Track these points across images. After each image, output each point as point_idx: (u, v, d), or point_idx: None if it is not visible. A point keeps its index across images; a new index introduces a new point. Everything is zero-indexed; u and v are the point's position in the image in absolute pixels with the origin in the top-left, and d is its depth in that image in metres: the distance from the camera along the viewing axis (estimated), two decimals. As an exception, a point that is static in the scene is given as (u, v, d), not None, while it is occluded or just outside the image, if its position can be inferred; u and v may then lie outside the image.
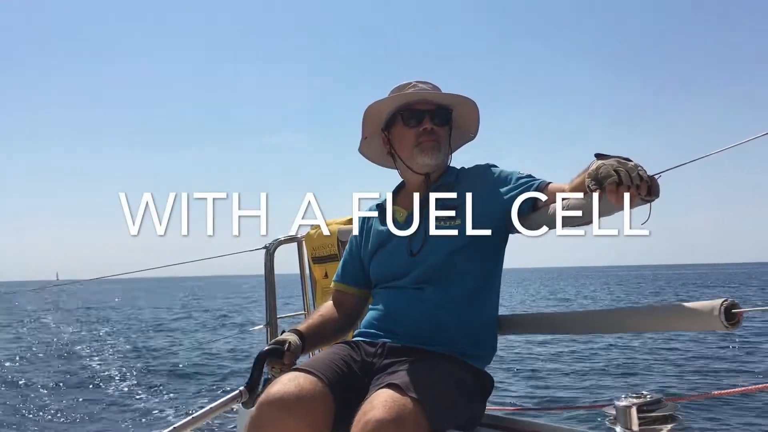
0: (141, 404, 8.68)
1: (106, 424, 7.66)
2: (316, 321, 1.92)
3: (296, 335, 1.78)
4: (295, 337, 1.77)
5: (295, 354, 1.73)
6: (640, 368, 10.50)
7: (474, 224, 1.76)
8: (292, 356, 1.72)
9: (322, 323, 1.92)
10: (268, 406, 1.48)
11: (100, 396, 9.38)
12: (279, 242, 2.71)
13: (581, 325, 1.69)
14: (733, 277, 60.59)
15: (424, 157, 1.84)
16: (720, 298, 1.21)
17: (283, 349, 1.71)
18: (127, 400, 9.01)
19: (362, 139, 1.99)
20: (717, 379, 9.22)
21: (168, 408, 8.35)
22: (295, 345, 1.74)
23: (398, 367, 1.57)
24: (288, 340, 1.74)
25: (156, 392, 9.59)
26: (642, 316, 1.44)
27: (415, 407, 1.37)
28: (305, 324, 1.89)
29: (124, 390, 9.80)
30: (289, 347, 1.72)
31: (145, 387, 10.00)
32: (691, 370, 10.11)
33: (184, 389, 9.82)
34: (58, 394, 9.49)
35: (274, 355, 1.71)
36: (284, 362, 1.70)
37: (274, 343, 1.74)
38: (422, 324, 1.72)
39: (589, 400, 7.73)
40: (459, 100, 1.88)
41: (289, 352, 1.72)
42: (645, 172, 1.33)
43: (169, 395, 9.34)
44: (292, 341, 1.74)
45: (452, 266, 1.75)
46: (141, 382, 10.39)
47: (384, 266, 1.87)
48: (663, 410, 0.94)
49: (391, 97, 1.88)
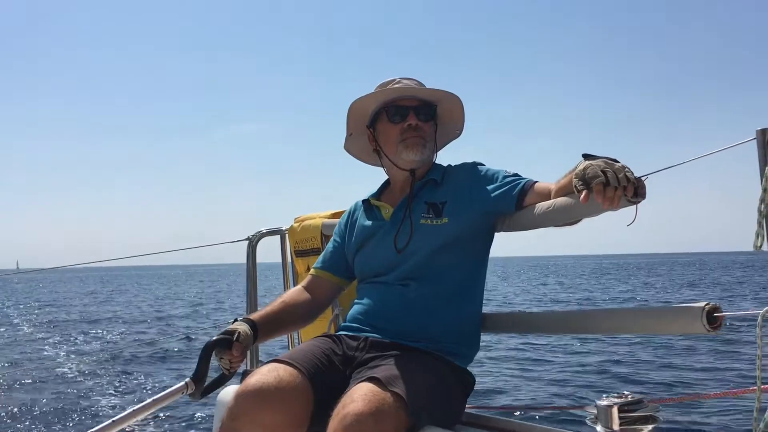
0: (93, 397, 8.53)
1: (51, 417, 7.52)
2: (275, 308, 1.87)
3: (247, 325, 1.73)
4: (245, 327, 1.71)
5: (244, 344, 1.68)
6: (621, 369, 10.60)
7: (459, 222, 1.76)
8: (240, 347, 1.67)
9: (282, 310, 1.88)
10: (246, 396, 1.46)
11: (51, 389, 9.19)
12: (262, 234, 2.69)
13: (564, 326, 1.70)
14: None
15: (409, 153, 1.83)
16: (702, 302, 1.22)
17: (231, 339, 1.66)
18: (80, 393, 8.84)
19: (347, 135, 1.98)
20: (698, 382, 9.34)
21: (120, 400, 8.20)
22: (245, 335, 1.69)
23: (380, 362, 1.57)
24: (238, 329, 1.69)
25: (118, 383, 9.43)
26: (625, 318, 1.45)
27: (395, 401, 1.37)
28: (262, 312, 1.85)
29: (77, 382, 9.61)
30: (238, 338, 1.67)
31: (106, 379, 9.82)
32: (672, 373, 10.23)
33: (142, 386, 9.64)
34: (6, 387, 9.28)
35: (223, 346, 1.65)
36: (233, 353, 1.66)
37: (223, 333, 1.68)
38: (406, 320, 1.71)
39: (570, 401, 7.78)
40: (443, 96, 1.87)
41: (237, 342, 1.66)
42: (632, 173, 1.34)
43: (130, 386, 9.18)
44: (242, 331, 1.69)
45: (437, 263, 1.75)
46: (99, 374, 10.21)
47: (369, 261, 1.86)
48: (644, 410, 0.94)
49: (375, 92, 1.88)
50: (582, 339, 13.22)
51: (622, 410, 0.93)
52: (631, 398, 0.95)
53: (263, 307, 1.89)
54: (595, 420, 0.96)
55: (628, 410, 0.93)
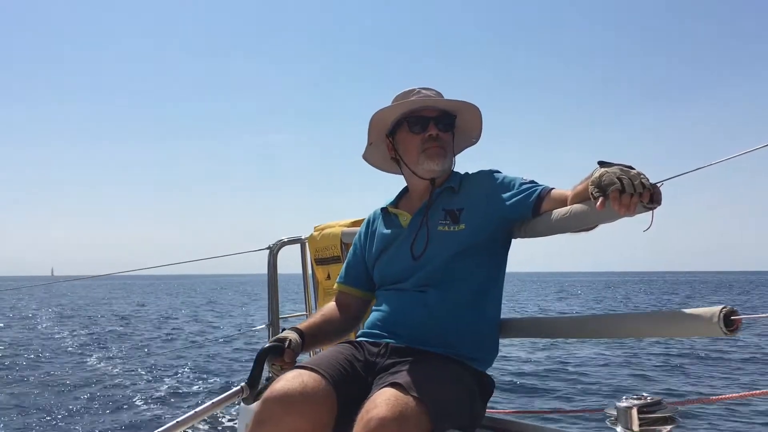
0: (143, 402, 8.67)
1: (107, 421, 7.64)
2: (317, 320, 1.94)
3: (297, 333, 1.80)
4: (295, 335, 1.79)
5: (295, 352, 1.75)
6: (639, 372, 10.53)
7: (477, 229, 1.79)
8: (292, 354, 1.74)
9: (324, 323, 1.95)
10: (272, 402, 1.50)
11: (102, 394, 9.36)
12: (282, 243, 2.73)
13: (582, 330, 1.71)
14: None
15: (431, 163, 1.87)
16: (719, 305, 1.24)
17: (283, 346, 1.73)
18: (131, 398, 9.00)
19: (367, 144, 2.02)
20: (715, 384, 9.25)
21: (166, 406, 8.35)
22: (295, 343, 1.76)
23: (401, 367, 1.59)
24: (289, 337, 1.77)
25: (158, 390, 9.59)
26: (642, 321, 1.46)
27: (417, 406, 1.39)
28: (306, 323, 1.91)
29: (127, 388, 9.79)
30: (290, 345, 1.74)
31: (148, 385, 10.00)
32: (690, 375, 10.14)
33: (184, 387, 9.82)
34: (59, 392, 9.44)
35: (275, 353, 1.73)
36: (284, 360, 1.72)
37: (275, 340, 1.76)
38: (425, 326, 1.74)
39: (588, 404, 7.74)
40: (463, 106, 1.91)
41: (289, 349, 1.73)
42: (647, 180, 1.36)
43: (170, 393, 9.34)
44: (292, 339, 1.76)
45: (455, 270, 1.78)
46: (143, 381, 10.39)
47: (387, 269, 1.90)
48: (663, 412, 0.96)
49: (397, 104, 1.91)
50: (598, 342, 13.14)
51: (642, 411, 0.95)
52: (650, 400, 0.97)
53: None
54: (615, 421, 0.98)
55: (647, 411, 0.95)
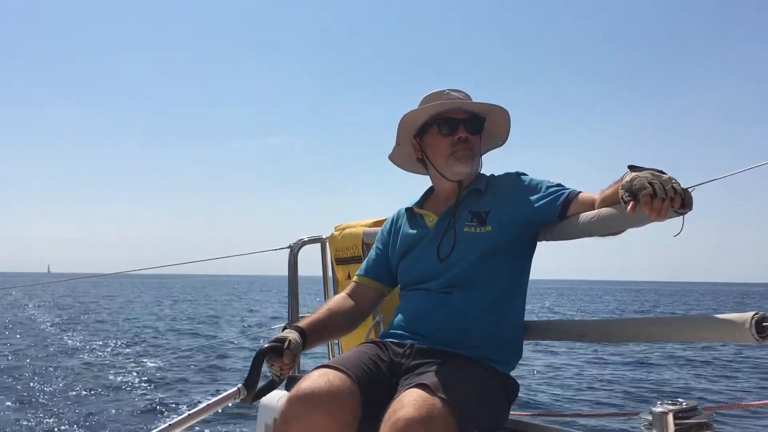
0: (147, 402, 8.71)
1: (109, 420, 7.67)
2: (321, 316, 1.90)
3: (297, 333, 1.77)
4: (295, 335, 1.75)
5: (294, 352, 1.71)
6: (668, 378, 10.43)
7: (503, 231, 1.79)
8: (291, 354, 1.70)
9: (328, 318, 1.91)
10: (298, 400, 1.51)
11: (107, 393, 9.41)
12: (303, 242, 2.73)
13: (609, 334, 1.70)
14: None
15: (460, 166, 1.87)
16: (751, 311, 1.23)
17: (282, 347, 1.70)
18: (136, 398, 9.05)
19: (396, 145, 2.02)
20: (749, 391, 9.15)
21: (174, 406, 8.38)
22: (295, 343, 1.73)
23: (427, 368, 1.60)
24: (288, 338, 1.73)
25: (166, 390, 9.65)
26: (672, 326, 1.46)
27: (444, 408, 1.40)
28: (309, 320, 1.88)
29: (134, 387, 9.85)
30: (289, 345, 1.71)
31: (156, 384, 10.06)
32: (721, 381, 10.04)
33: (196, 387, 9.88)
34: (60, 392, 9.49)
35: (274, 353, 1.70)
36: (284, 361, 1.69)
37: (274, 341, 1.73)
38: (449, 328, 1.74)
39: (615, 409, 7.66)
40: (492, 109, 1.91)
41: (288, 350, 1.70)
42: (679, 185, 1.36)
43: (178, 393, 9.39)
44: (292, 339, 1.73)
45: (480, 272, 1.78)
46: (151, 380, 10.46)
47: (412, 269, 1.90)
48: (699, 417, 0.95)
49: (427, 106, 1.91)
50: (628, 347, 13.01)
51: (677, 417, 0.95)
52: (685, 405, 0.96)
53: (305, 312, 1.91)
54: (650, 426, 0.98)
55: (683, 417, 0.95)
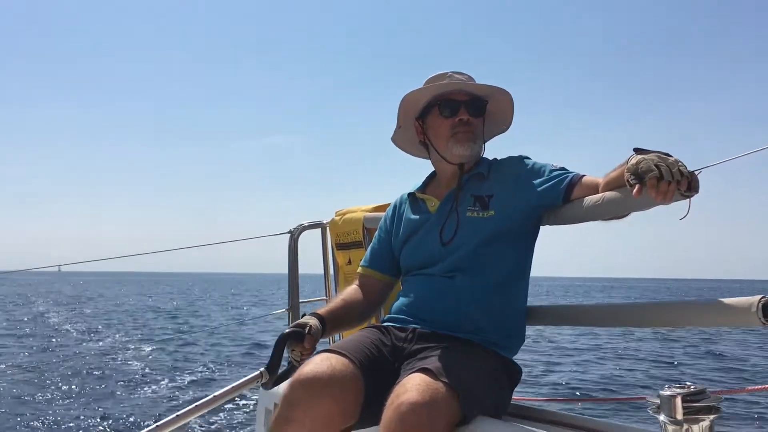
0: (162, 388, 8.76)
1: (126, 406, 7.71)
2: (338, 305, 1.93)
3: (317, 319, 1.79)
4: (315, 321, 1.78)
5: (315, 337, 1.74)
6: (674, 362, 10.47)
7: (506, 215, 1.77)
8: (312, 339, 1.72)
9: (345, 307, 1.93)
10: (301, 385, 1.50)
11: (123, 380, 9.45)
12: (303, 227, 2.73)
13: (613, 318, 1.69)
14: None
15: (460, 148, 1.85)
16: (758, 295, 1.22)
17: (303, 332, 1.72)
18: (151, 384, 9.09)
19: (397, 128, 2.00)
20: (758, 373, 9.20)
21: (188, 390, 8.43)
22: (315, 328, 1.75)
23: (429, 353, 1.59)
24: (309, 323, 1.75)
25: (178, 376, 9.69)
26: (678, 310, 1.45)
27: (447, 392, 1.39)
28: (327, 308, 1.90)
29: (147, 374, 9.89)
30: (310, 330, 1.73)
31: (167, 371, 10.10)
32: (729, 364, 10.09)
33: (207, 372, 9.92)
34: (76, 380, 9.53)
35: (295, 338, 1.72)
36: (304, 346, 1.71)
37: (295, 326, 1.75)
38: (452, 312, 1.74)
39: (618, 393, 7.70)
40: (494, 91, 1.89)
41: (309, 335, 1.72)
42: (685, 167, 1.34)
43: (191, 378, 9.43)
44: (312, 324, 1.75)
45: (483, 256, 1.77)
46: (163, 367, 10.50)
47: (415, 254, 1.89)
48: (707, 401, 0.95)
49: (428, 87, 1.89)
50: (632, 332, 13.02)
51: (686, 400, 0.94)
52: (693, 389, 0.96)
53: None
54: (658, 410, 0.97)
55: (691, 400, 0.94)
